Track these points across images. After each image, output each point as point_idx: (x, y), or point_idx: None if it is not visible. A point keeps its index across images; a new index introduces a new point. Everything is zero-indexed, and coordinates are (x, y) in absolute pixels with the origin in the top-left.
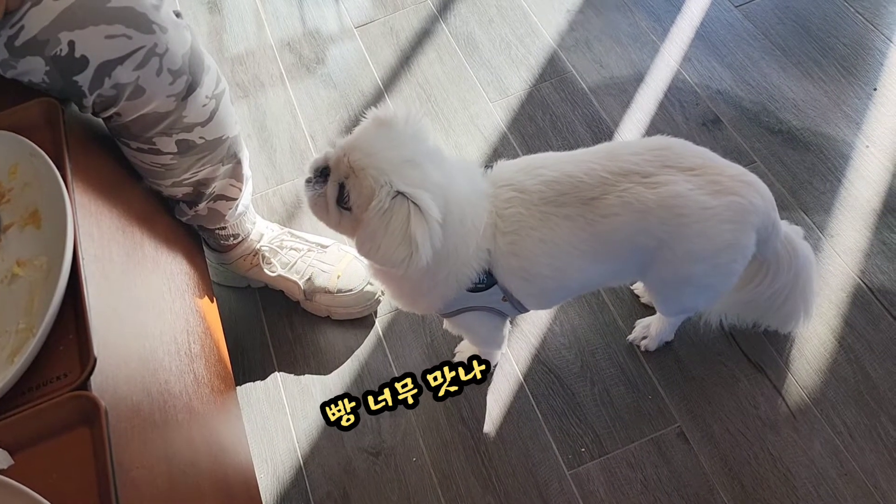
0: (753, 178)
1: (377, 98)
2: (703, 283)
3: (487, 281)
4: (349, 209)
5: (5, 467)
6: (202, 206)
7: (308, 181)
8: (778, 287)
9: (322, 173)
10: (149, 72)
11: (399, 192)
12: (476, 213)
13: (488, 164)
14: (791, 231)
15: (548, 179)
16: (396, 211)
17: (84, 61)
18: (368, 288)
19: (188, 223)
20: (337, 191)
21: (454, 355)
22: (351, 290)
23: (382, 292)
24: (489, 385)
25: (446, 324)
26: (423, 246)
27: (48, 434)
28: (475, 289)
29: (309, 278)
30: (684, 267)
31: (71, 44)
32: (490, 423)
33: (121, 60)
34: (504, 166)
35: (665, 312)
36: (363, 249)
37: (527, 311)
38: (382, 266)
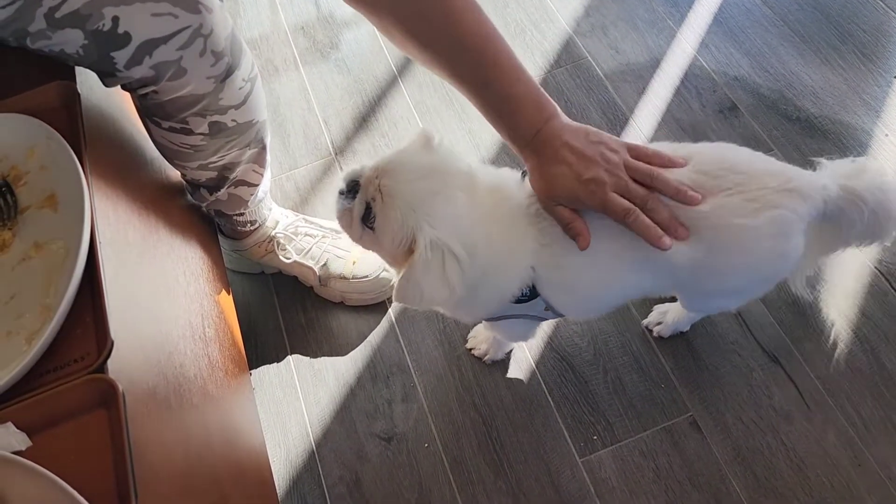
0: (798, 182)
1: (391, 84)
2: (743, 291)
3: (531, 293)
4: (372, 228)
5: (23, 449)
6: (223, 191)
7: (340, 192)
8: (859, 230)
9: (353, 188)
10: (192, 52)
11: (434, 242)
12: (510, 233)
13: (524, 170)
14: (855, 168)
15: None
16: (434, 257)
17: (126, 38)
18: (384, 275)
19: (206, 209)
20: (363, 210)
21: (467, 341)
22: (366, 277)
23: None
24: (501, 372)
25: (473, 332)
26: (458, 286)
27: (66, 416)
28: (518, 300)
29: (324, 264)
30: (726, 279)
31: (115, 19)
32: (502, 410)
33: (165, 40)
34: None
35: (695, 312)
36: (405, 296)
37: (559, 317)
38: (426, 308)
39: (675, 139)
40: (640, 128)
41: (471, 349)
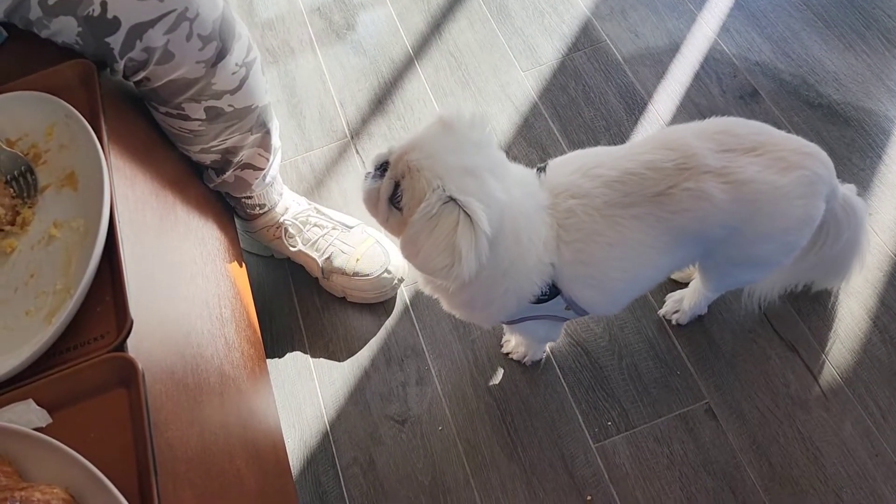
0: (814, 147)
1: (407, 65)
2: (769, 260)
3: (551, 292)
4: (400, 209)
5: (44, 425)
6: (229, 173)
7: (368, 174)
8: (840, 246)
9: (382, 168)
10: (178, 36)
11: (451, 198)
12: (534, 229)
13: (540, 165)
14: (846, 189)
15: (609, 180)
16: (445, 217)
17: (116, 23)
18: (385, 276)
19: (216, 189)
20: (391, 189)
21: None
22: (368, 275)
23: (401, 280)
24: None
25: (505, 336)
26: (466, 257)
27: (86, 394)
28: (538, 300)
29: (328, 257)
30: (754, 248)
31: (103, 4)
32: (516, 395)
33: (152, 23)
34: (558, 169)
35: (715, 290)
36: (405, 251)
37: (587, 314)
38: (422, 272)
39: None
40: (659, 113)
41: (507, 353)
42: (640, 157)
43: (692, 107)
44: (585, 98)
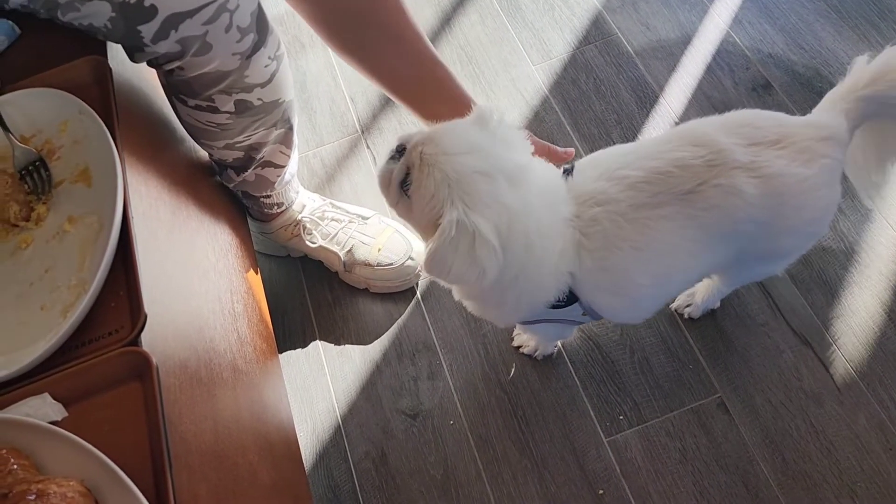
0: (829, 129)
1: None
2: (793, 251)
3: (568, 298)
4: (408, 196)
5: (59, 419)
6: (250, 171)
7: (390, 153)
8: None
9: (401, 151)
10: (218, 27)
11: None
12: (549, 239)
13: (566, 167)
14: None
15: (635, 181)
16: (463, 236)
17: (153, 10)
18: (409, 262)
19: (234, 190)
20: (403, 174)
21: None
22: (391, 264)
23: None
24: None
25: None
26: (489, 268)
27: (100, 388)
28: (555, 305)
29: (349, 250)
30: (780, 241)
31: None
32: (527, 389)
33: (191, 14)
34: (584, 174)
35: (731, 285)
36: (434, 272)
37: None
38: (454, 284)
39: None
40: (671, 106)
41: (518, 347)
42: (666, 156)
43: (704, 100)
44: (596, 91)
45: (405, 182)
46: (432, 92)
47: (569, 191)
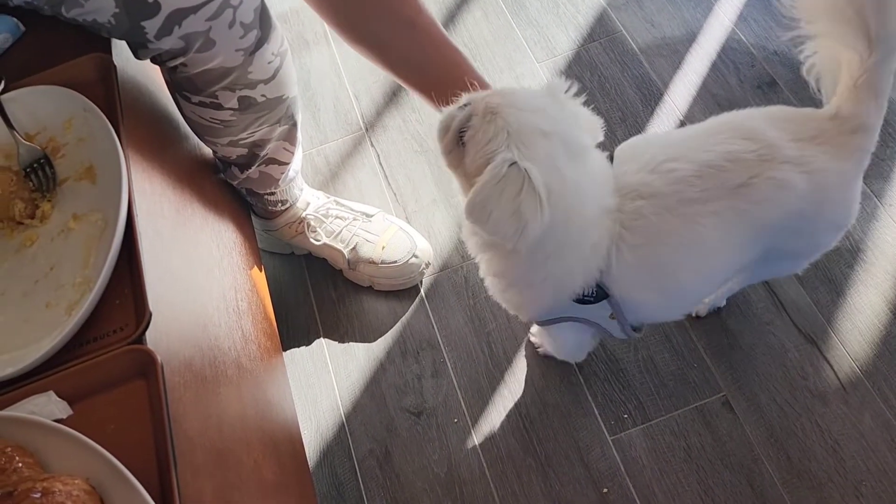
0: (857, 119)
1: None
2: (826, 246)
3: (597, 294)
4: (464, 144)
5: (64, 417)
6: (254, 168)
7: (456, 106)
8: None
9: (466, 105)
10: (221, 23)
11: (514, 163)
12: (589, 228)
13: (608, 149)
14: None
15: (685, 175)
16: (511, 180)
17: (156, 6)
18: (413, 260)
19: (238, 187)
20: (465, 121)
21: (496, 317)
22: (395, 262)
23: (428, 264)
24: (531, 349)
25: (534, 328)
26: (531, 224)
27: (105, 386)
28: (583, 300)
29: (353, 247)
30: (819, 236)
31: None
32: (532, 387)
33: (194, 10)
34: (625, 165)
35: (749, 282)
36: (472, 216)
37: (627, 336)
38: (491, 236)
39: (711, 115)
40: (676, 103)
41: (538, 347)
42: (717, 148)
43: (709, 97)
44: (601, 89)
45: (464, 130)
46: (448, 77)
47: (615, 184)
